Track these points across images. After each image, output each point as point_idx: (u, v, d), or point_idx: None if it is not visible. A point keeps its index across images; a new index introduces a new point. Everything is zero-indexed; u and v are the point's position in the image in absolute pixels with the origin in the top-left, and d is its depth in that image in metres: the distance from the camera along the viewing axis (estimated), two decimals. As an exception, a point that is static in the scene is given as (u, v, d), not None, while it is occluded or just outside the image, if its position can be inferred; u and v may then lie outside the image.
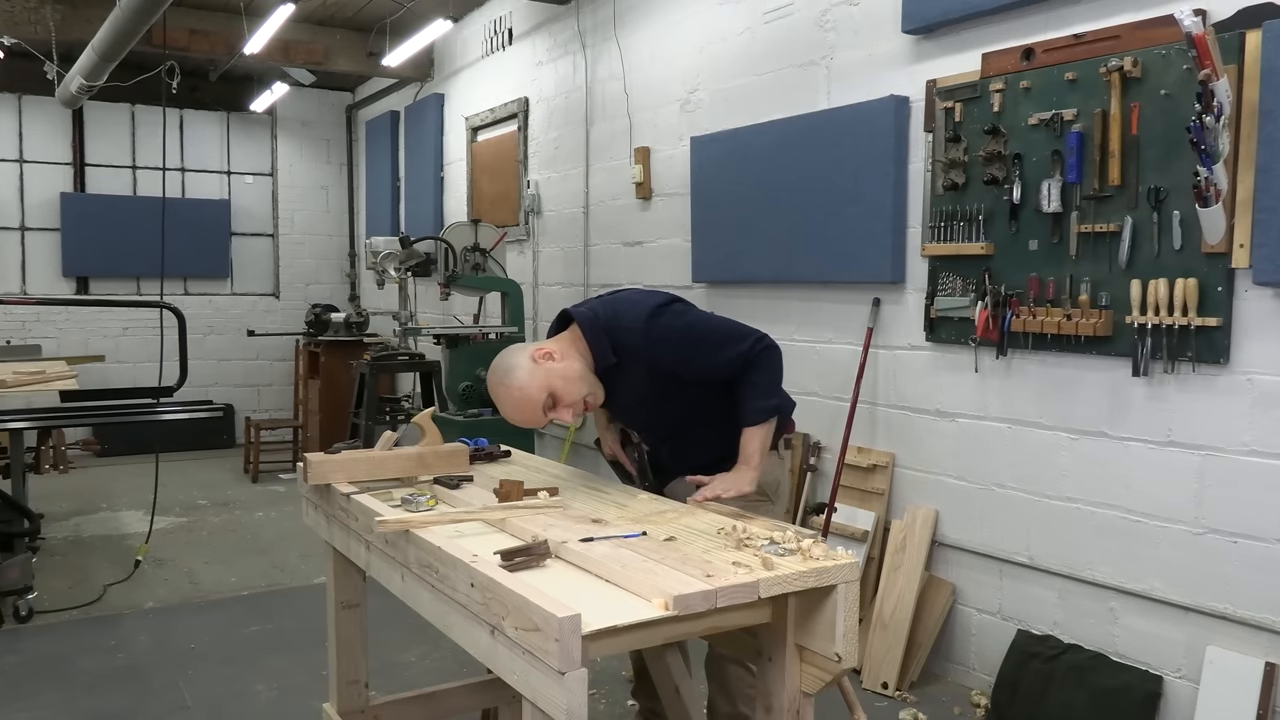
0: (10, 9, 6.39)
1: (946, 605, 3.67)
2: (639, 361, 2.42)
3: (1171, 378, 2.97)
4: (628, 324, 2.44)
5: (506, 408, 2.37)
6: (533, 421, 2.38)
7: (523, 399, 2.33)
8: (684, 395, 2.49)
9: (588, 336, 2.43)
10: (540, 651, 1.53)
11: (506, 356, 2.39)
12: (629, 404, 2.56)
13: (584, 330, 2.44)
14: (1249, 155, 2.72)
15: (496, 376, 2.38)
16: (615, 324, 2.44)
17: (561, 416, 2.37)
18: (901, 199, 3.79)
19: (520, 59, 6.58)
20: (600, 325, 2.44)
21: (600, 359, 2.41)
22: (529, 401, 2.33)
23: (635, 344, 2.41)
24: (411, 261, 5.67)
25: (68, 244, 8.41)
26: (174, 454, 7.96)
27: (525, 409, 2.34)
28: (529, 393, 2.33)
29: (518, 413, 2.36)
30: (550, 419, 2.38)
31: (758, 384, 2.46)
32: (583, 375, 2.39)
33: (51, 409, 4.83)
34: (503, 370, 2.37)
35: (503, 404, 2.38)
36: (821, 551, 1.81)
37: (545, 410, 2.34)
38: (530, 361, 2.35)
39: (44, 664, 3.87)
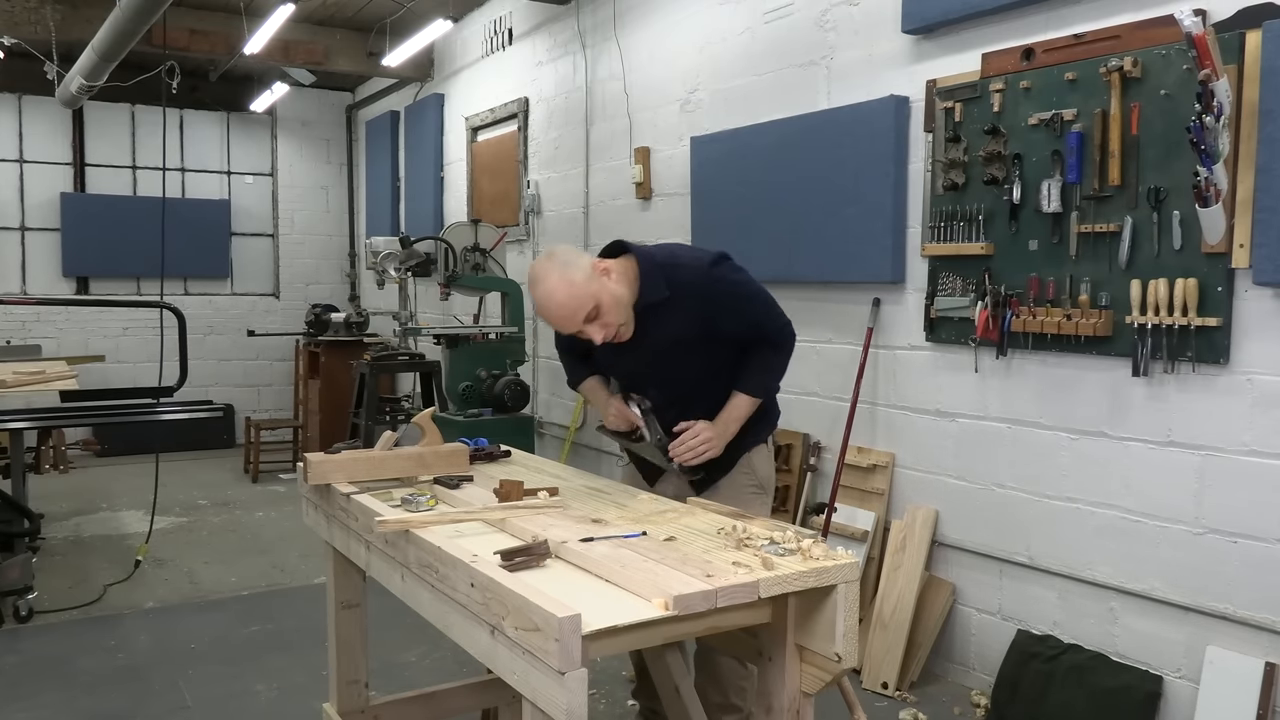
0: (10, 9, 6.39)
1: (946, 605, 3.67)
2: (689, 303, 2.42)
3: (1171, 378, 2.97)
4: (687, 263, 2.46)
5: (554, 298, 2.30)
6: (568, 322, 2.33)
7: (572, 297, 2.29)
8: (705, 354, 2.51)
9: (643, 269, 2.42)
10: (540, 651, 1.53)
11: (567, 253, 2.36)
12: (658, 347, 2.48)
13: (640, 262, 2.43)
14: (1249, 155, 2.72)
15: (551, 265, 2.31)
16: (674, 262, 2.45)
17: (593, 332, 2.34)
18: (901, 199, 3.79)
19: (520, 59, 6.58)
20: (656, 262, 2.44)
21: (651, 292, 2.40)
22: (577, 301, 2.29)
23: (693, 283, 2.42)
24: (411, 261, 5.67)
25: (68, 244, 8.41)
26: (174, 454, 7.96)
27: (570, 307, 2.30)
28: (580, 293, 2.29)
29: (561, 309, 2.31)
30: (582, 330, 2.34)
31: (773, 364, 2.58)
32: (627, 303, 2.39)
33: (51, 409, 4.83)
34: (561, 262, 2.31)
35: (551, 294, 2.30)
36: (821, 551, 1.81)
37: (585, 319, 2.32)
38: (590, 267, 2.33)
39: (44, 664, 3.87)
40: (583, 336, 2.38)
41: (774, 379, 2.60)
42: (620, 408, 2.58)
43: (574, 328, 2.35)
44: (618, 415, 2.59)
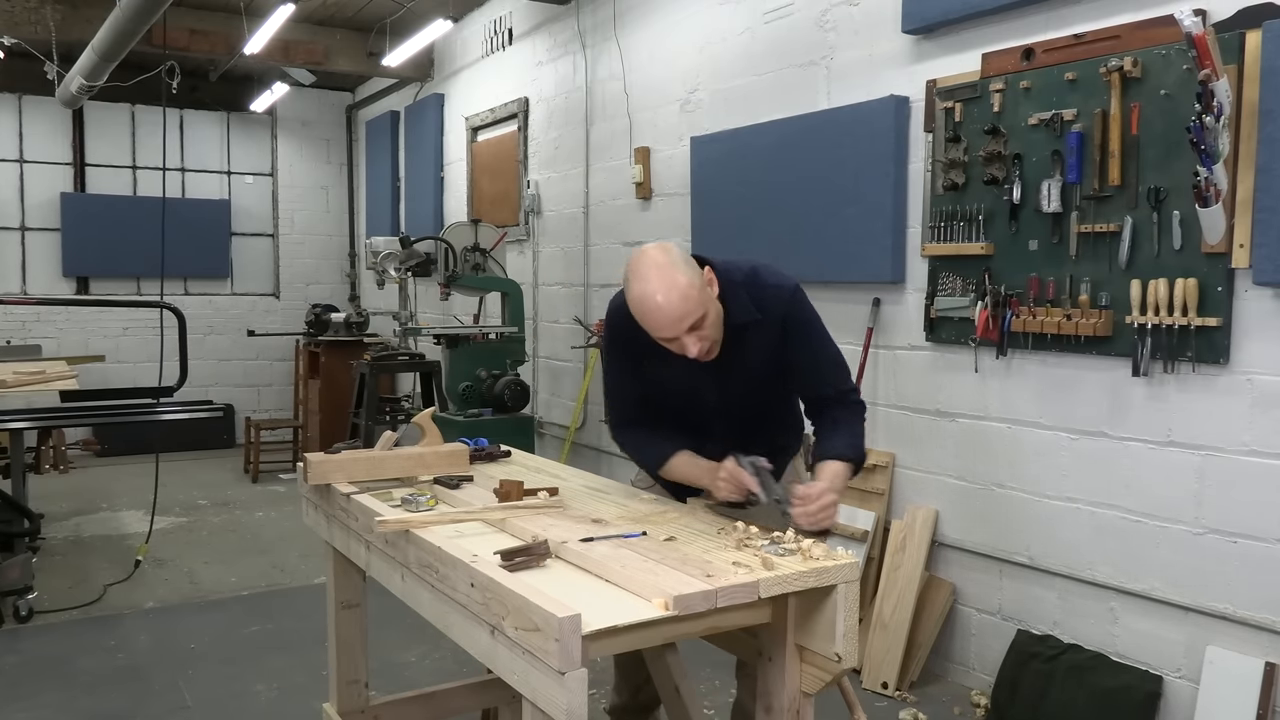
0: (10, 9, 6.39)
1: (946, 605, 3.67)
2: (772, 328, 2.26)
3: (1171, 378, 2.97)
4: (773, 283, 2.29)
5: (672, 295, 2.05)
6: (675, 325, 2.08)
7: (687, 299, 2.06)
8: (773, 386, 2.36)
9: (726, 287, 2.22)
10: (540, 651, 1.53)
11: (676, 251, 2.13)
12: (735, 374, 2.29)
13: (722, 278, 2.22)
14: (1249, 155, 2.72)
15: (669, 260, 2.09)
16: (757, 281, 2.26)
17: (690, 344, 2.11)
18: (901, 199, 3.79)
19: (520, 59, 6.58)
20: (738, 279, 2.25)
21: (741, 312, 2.23)
22: (690, 304, 2.06)
23: (777, 307, 2.27)
24: (411, 261, 5.68)
25: (68, 244, 8.41)
26: (174, 454, 7.96)
27: (683, 309, 2.06)
28: (693, 295, 2.06)
29: (671, 309, 2.06)
30: (679, 339, 2.11)
31: (852, 424, 2.35)
32: (722, 320, 2.20)
33: (51, 409, 4.83)
34: (675, 259, 2.10)
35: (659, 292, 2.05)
36: (821, 551, 1.81)
37: (690, 327, 2.09)
38: (700, 273, 2.13)
39: (44, 664, 3.88)
40: (672, 346, 2.15)
41: (861, 438, 2.35)
42: (735, 471, 2.18)
43: (673, 333, 2.10)
44: (731, 481, 2.18)
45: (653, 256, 2.12)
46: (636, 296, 2.11)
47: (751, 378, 2.32)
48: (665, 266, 2.08)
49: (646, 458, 2.46)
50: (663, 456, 2.38)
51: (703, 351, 2.15)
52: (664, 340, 2.15)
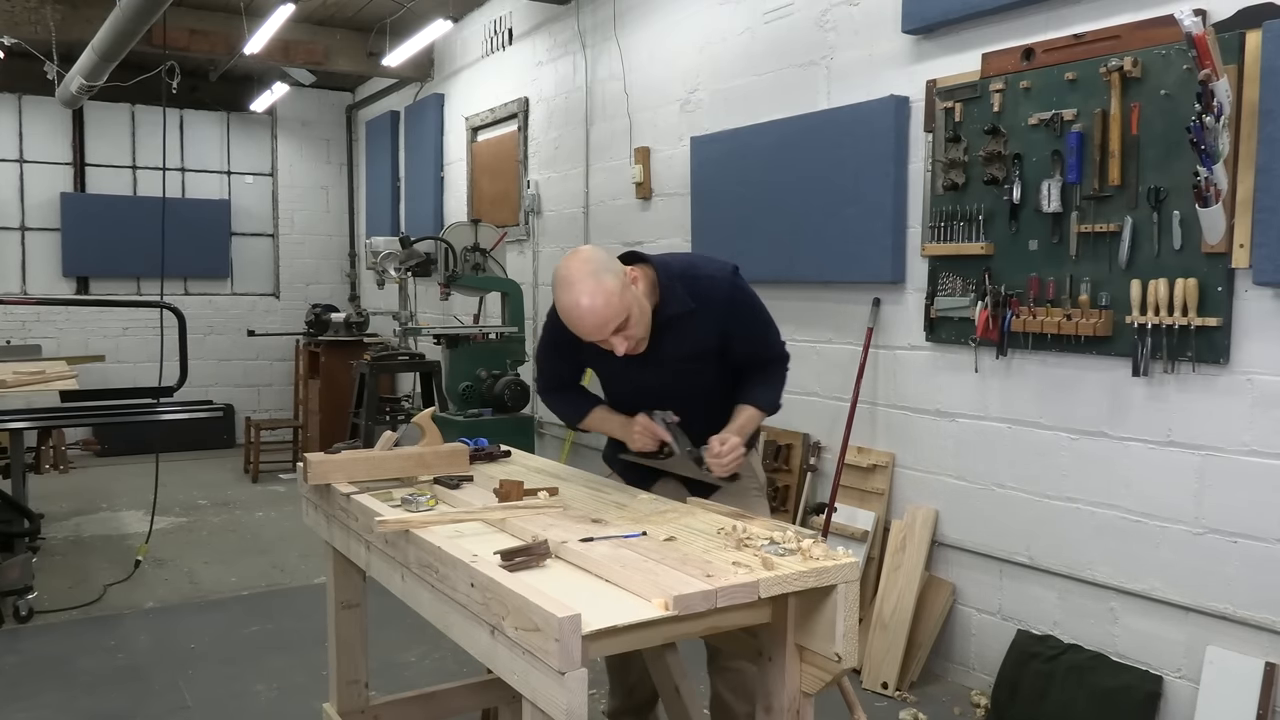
0: (10, 9, 6.39)
1: (946, 605, 3.67)
2: (710, 315, 2.37)
3: (1171, 378, 2.97)
4: (708, 274, 2.40)
5: (588, 306, 2.16)
6: (598, 331, 2.20)
7: (607, 306, 2.16)
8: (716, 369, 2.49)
9: (663, 281, 2.35)
10: (540, 651, 1.53)
11: (600, 257, 2.22)
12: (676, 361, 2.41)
13: (660, 274, 2.35)
14: (1249, 155, 2.73)
15: (585, 270, 2.17)
16: (694, 273, 2.37)
17: (617, 343, 2.24)
18: (901, 199, 3.79)
19: (520, 59, 6.58)
20: (674, 272, 2.37)
21: (674, 304, 2.35)
22: (611, 310, 2.17)
23: (715, 294, 2.38)
24: (411, 261, 5.67)
25: (68, 244, 8.42)
26: (174, 454, 7.96)
27: (604, 316, 2.18)
28: (615, 303, 2.17)
29: (595, 318, 2.17)
30: (607, 340, 2.23)
31: (776, 380, 2.57)
32: (649, 315, 2.32)
33: (51, 409, 4.83)
34: (597, 268, 2.18)
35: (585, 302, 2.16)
36: (821, 551, 1.81)
37: (614, 329, 2.21)
38: (623, 275, 2.24)
39: (44, 664, 3.88)
40: (604, 345, 2.27)
41: (779, 394, 2.57)
42: (647, 424, 2.43)
43: (599, 337, 2.23)
44: (644, 432, 2.44)
45: (578, 265, 2.20)
46: (565, 304, 2.21)
47: (687, 361, 2.45)
48: (589, 275, 2.18)
49: (568, 413, 2.68)
50: (581, 411, 2.62)
51: (630, 349, 2.29)
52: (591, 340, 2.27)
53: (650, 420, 2.43)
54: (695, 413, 2.47)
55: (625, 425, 2.50)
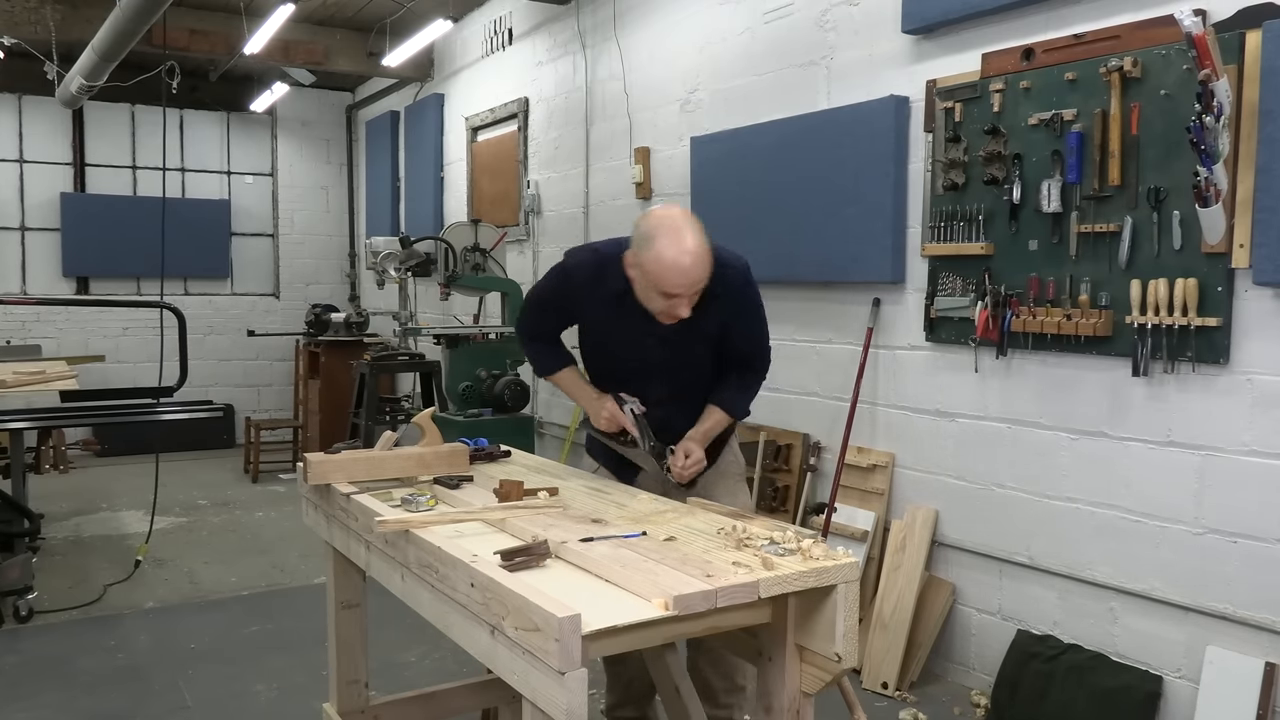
0: (10, 9, 6.39)
1: (946, 605, 3.67)
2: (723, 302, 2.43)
3: (1171, 378, 2.97)
4: (730, 263, 2.44)
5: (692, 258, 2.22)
6: (693, 284, 2.26)
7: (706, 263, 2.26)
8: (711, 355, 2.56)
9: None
10: (540, 651, 1.53)
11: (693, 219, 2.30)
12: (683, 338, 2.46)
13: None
14: (1249, 155, 2.72)
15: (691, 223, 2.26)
16: (718, 259, 2.36)
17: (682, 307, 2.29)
18: (901, 199, 3.79)
19: (520, 59, 6.58)
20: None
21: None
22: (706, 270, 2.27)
23: (731, 284, 2.44)
24: (411, 261, 5.67)
25: (68, 244, 8.42)
26: (174, 454, 7.96)
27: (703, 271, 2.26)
28: (708, 265, 2.27)
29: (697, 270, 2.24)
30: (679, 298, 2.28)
31: (752, 387, 2.66)
32: None
33: (51, 409, 4.83)
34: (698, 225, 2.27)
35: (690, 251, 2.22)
36: (821, 551, 1.81)
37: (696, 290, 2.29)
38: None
39: (44, 664, 3.88)
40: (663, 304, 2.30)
41: (750, 403, 2.66)
42: (615, 411, 2.53)
43: (686, 292, 2.27)
44: (610, 419, 2.54)
45: (681, 216, 2.28)
46: (671, 252, 2.22)
47: (696, 344, 2.51)
48: (694, 229, 2.26)
49: (541, 363, 2.73)
50: (554, 366, 2.69)
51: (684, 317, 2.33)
52: (667, 296, 2.27)
53: (618, 408, 2.51)
54: (686, 398, 2.57)
55: (592, 401, 2.59)
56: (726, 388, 2.60)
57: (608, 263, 2.46)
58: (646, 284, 2.31)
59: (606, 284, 2.45)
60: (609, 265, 2.45)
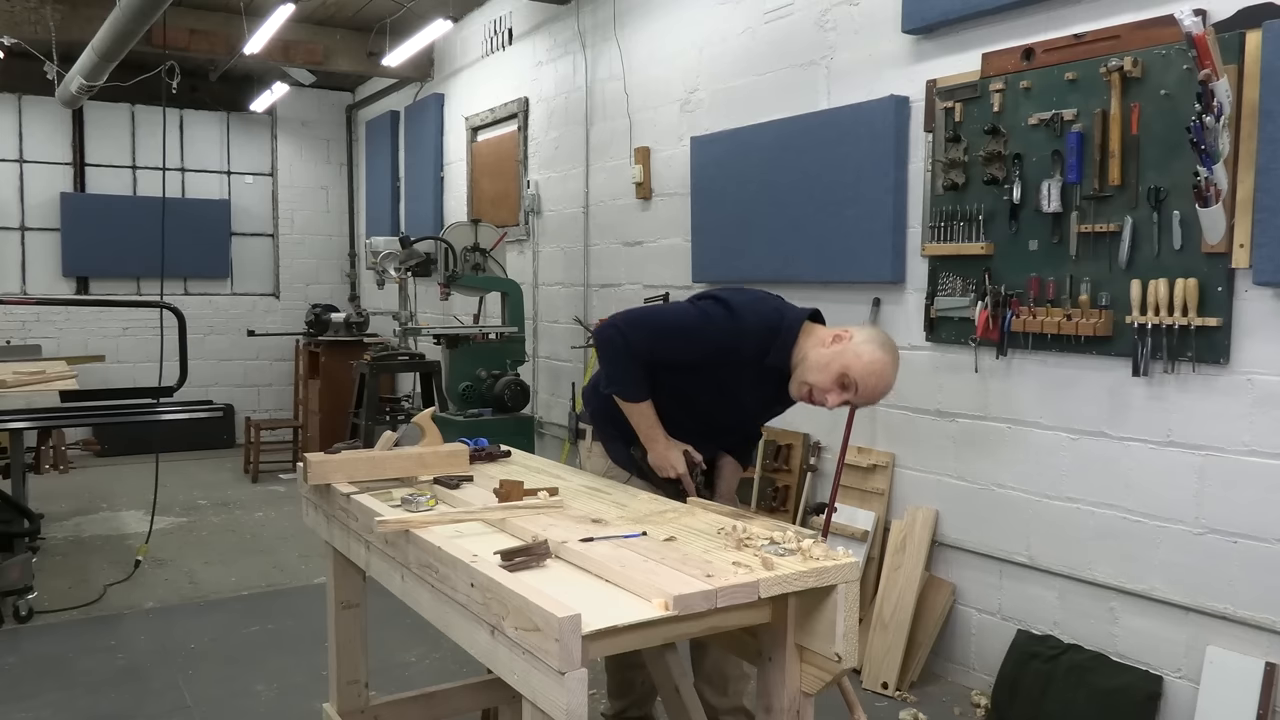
0: (10, 9, 6.39)
1: (946, 605, 3.67)
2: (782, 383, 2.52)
3: (1171, 378, 2.97)
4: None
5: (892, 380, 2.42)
6: (876, 394, 2.43)
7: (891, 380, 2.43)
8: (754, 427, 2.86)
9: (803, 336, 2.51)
10: (540, 651, 1.53)
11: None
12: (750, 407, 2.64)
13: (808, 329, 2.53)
14: (1249, 155, 2.72)
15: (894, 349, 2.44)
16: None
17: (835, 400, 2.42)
18: (901, 199, 3.78)
19: (520, 59, 6.58)
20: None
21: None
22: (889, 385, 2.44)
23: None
24: (411, 261, 5.67)
25: (68, 244, 8.41)
26: (174, 454, 7.96)
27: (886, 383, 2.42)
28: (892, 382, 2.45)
29: (886, 388, 2.42)
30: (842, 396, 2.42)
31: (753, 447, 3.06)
32: None
33: (51, 409, 4.83)
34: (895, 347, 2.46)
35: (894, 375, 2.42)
36: (821, 551, 1.81)
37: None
38: None
39: (44, 664, 3.87)
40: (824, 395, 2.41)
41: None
42: (678, 459, 2.52)
43: (870, 401, 2.47)
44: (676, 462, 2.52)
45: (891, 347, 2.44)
46: (883, 362, 2.39)
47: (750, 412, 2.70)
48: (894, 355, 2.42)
49: (623, 379, 2.55)
50: (636, 394, 2.54)
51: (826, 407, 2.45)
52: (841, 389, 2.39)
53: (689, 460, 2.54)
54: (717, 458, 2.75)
55: (662, 443, 2.54)
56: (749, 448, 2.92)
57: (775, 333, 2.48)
58: (837, 368, 2.37)
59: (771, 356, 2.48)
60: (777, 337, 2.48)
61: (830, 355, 2.39)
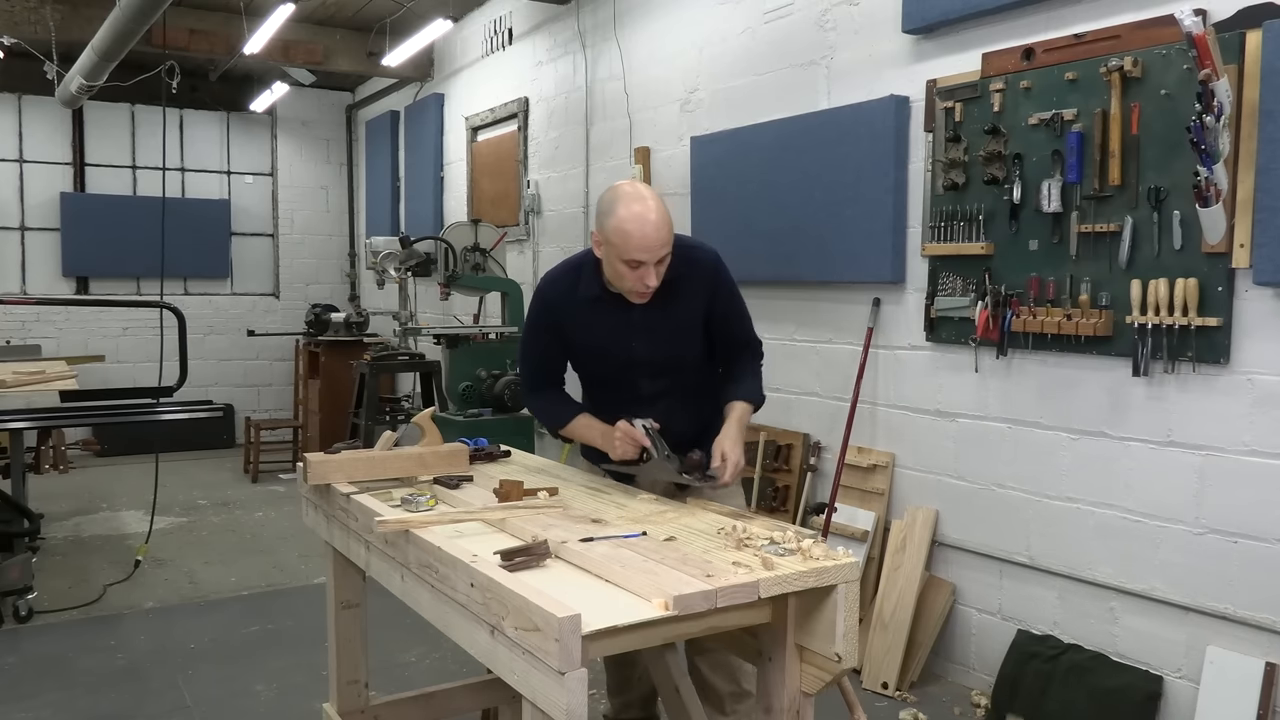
0: (10, 9, 6.39)
1: (946, 605, 3.67)
2: (698, 285, 2.46)
3: (1171, 378, 2.97)
4: (695, 246, 2.51)
5: (657, 216, 2.26)
6: (660, 246, 2.28)
7: (669, 223, 2.30)
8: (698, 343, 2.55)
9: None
10: (540, 651, 1.53)
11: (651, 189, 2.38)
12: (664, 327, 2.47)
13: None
14: (1249, 155, 2.72)
15: (651, 190, 2.34)
16: (682, 241, 2.42)
17: (651, 276, 2.31)
18: (901, 199, 3.78)
19: (520, 59, 6.58)
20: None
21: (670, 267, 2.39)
22: (669, 229, 2.30)
23: (704, 267, 2.48)
24: (411, 261, 5.67)
25: (68, 244, 8.41)
26: (174, 454, 7.96)
27: (668, 230, 2.29)
28: (670, 223, 2.31)
29: (663, 229, 2.27)
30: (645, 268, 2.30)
31: (756, 372, 2.64)
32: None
33: (51, 409, 4.84)
34: (653, 192, 2.34)
35: (654, 210, 2.27)
36: (821, 551, 1.81)
37: (661, 255, 2.31)
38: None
39: (44, 664, 3.87)
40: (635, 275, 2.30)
41: (761, 386, 2.64)
42: (628, 429, 2.40)
43: (654, 255, 2.28)
44: (625, 439, 2.40)
45: (640, 186, 2.35)
46: (634, 214, 2.27)
47: (676, 330, 2.50)
48: (653, 197, 2.32)
49: (551, 418, 2.67)
50: (565, 417, 2.62)
51: (653, 288, 2.34)
52: (635, 262, 2.29)
53: (629, 426, 2.41)
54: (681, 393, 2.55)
55: (606, 434, 2.49)
56: (735, 381, 2.58)
57: (578, 267, 2.52)
58: (613, 256, 2.32)
59: (580, 289, 2.48)
60: (580, 269, 2.50)
61: (602, 257, 2.38)
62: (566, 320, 2.53)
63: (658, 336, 2.49)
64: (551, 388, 2.68)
